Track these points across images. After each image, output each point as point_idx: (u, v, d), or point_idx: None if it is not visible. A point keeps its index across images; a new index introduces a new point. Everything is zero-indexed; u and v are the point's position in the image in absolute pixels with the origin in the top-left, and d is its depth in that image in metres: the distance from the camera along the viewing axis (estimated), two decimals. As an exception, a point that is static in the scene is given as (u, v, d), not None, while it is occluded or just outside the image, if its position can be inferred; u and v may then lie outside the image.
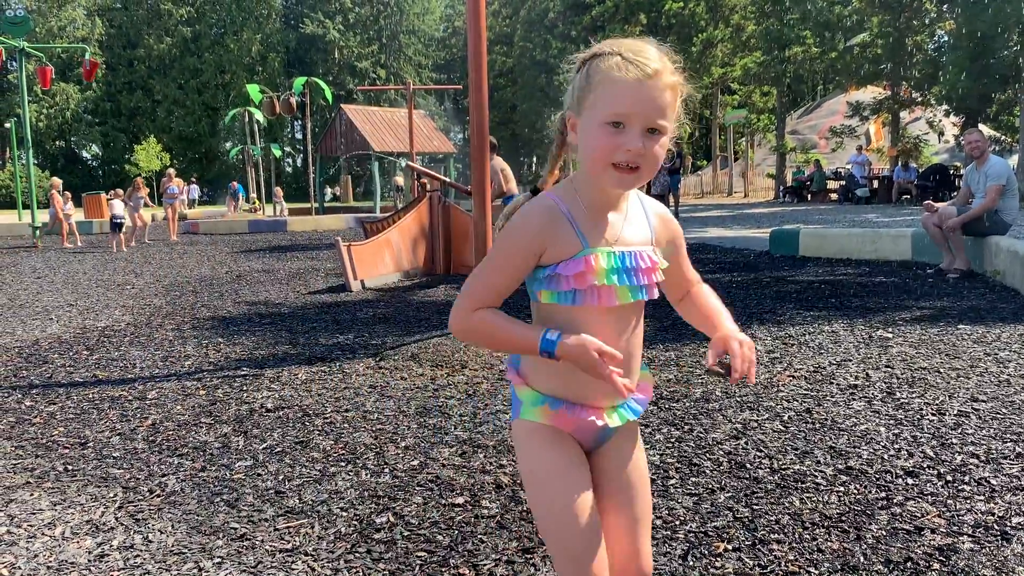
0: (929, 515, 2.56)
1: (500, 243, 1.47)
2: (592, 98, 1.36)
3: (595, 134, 1.36)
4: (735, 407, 3.79)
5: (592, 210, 1.44)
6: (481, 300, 1.46)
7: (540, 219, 1.42)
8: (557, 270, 1.42)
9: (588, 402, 1.50)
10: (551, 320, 1.48)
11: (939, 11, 26.75)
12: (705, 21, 35.45)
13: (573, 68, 1.42)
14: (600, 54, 1.37)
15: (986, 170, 7.88)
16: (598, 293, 1.43)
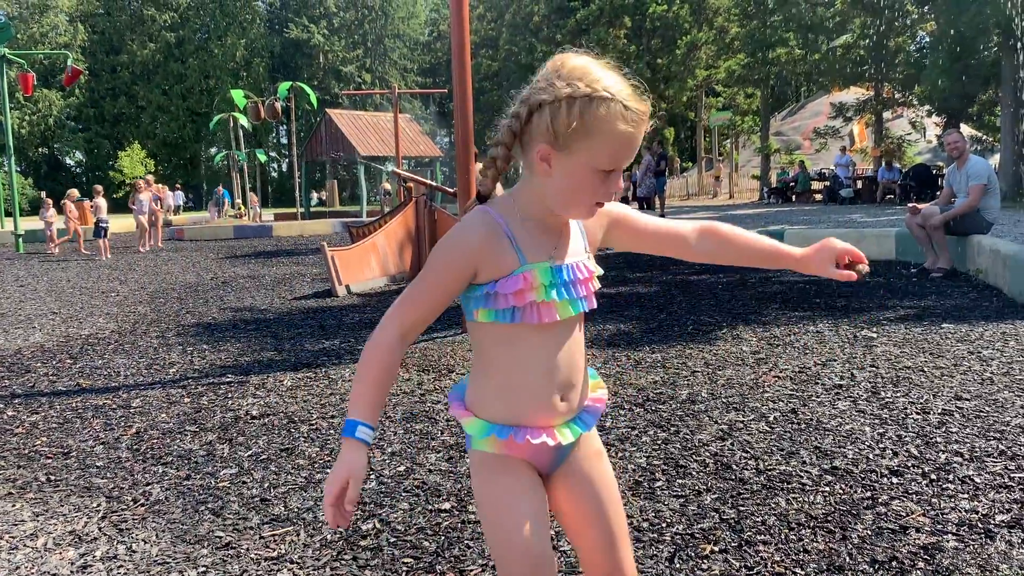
0: (914, 514, 2.57)
1: (434, 260, 1.40)
2: (587, 144, 1.29)
3: (586, 179, 1.32)
4: (721, 408, 3.80)
5: (531, 226, 1.40)
6: (409, 322, 1.40)
7: (478, 235, 1.37)
8: (495, 288, 1.38)
9: (535, 423, 1.44)
10: (489, 339, 1.44)
11: (920, 12, 26.96)
12: (689, 24, 35.62)
13: (547, 95, 1.29)
14: (596, 97, 1.27)
15: (967, 170, 7.94)
16: (537, 310, 1.39)
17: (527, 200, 1.40)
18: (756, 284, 7.94)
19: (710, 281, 8.35)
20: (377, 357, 1.38)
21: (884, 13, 27.25)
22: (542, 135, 1.31)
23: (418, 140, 32.44)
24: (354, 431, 1.35)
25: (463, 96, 5.47)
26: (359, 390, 1.38)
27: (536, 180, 1.36)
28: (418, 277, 1.41)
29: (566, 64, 1.31)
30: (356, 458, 1.34)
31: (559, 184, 1.33)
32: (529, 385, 1.43)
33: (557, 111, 1.27)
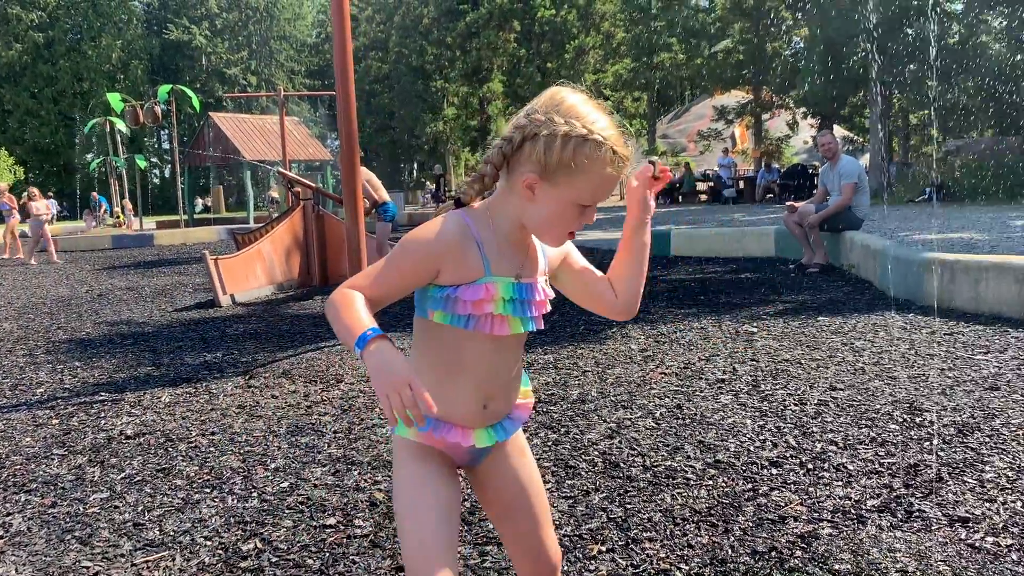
0: (792, 504, 2.65)
1: (401, 250, 1.42)
2: (573, 180, 1.36)
3: (565, 210, 1.39)
4: (610, 407, 3.84)
5: (501, 240, 1.45)
6: (366, 290, 1.40)
7: (451, 236, 1.40)
8: (457, 293, 1.42)
9: (454, 421, 1.50)
10: (436, 339, 1.48)
11: (795, 19, 28.25)
12: (577, 28, 36.20)
13: (545, 128, 1.35)
14: (591, 139, 1.34)
15: (839, 169, 8.34)
16: (492, 322, 1.44)
17: (502, 215, 1.44)
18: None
19: (601, 281, 8.46)
20: (352, 299, 1.37)
21: (761, 19, 28.43)
22: (531, 163, 1.37)
23: (307, 143, 31.77)
24: (378, 329, 1.32)
25: (346, 99, 5.36)
26: (353, 318, 1.34)
27: (515, 200, 1.42)
28: (381, 261, 1.42)
29: (565, 101, 1.37)
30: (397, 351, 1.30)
31: (539, 211, 1.40)
32: (462, 389, 1.49)
33: (551, 145, 1.34)
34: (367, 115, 47.58)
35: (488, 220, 1.44)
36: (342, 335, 1.35)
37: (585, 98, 1.39)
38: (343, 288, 1.41)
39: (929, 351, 4.64)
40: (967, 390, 3.83)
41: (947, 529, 2.41)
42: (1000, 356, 4.45)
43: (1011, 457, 2.96)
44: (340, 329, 1.35)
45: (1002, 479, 2.76)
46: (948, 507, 2.56)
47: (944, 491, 2.68)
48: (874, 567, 2.21)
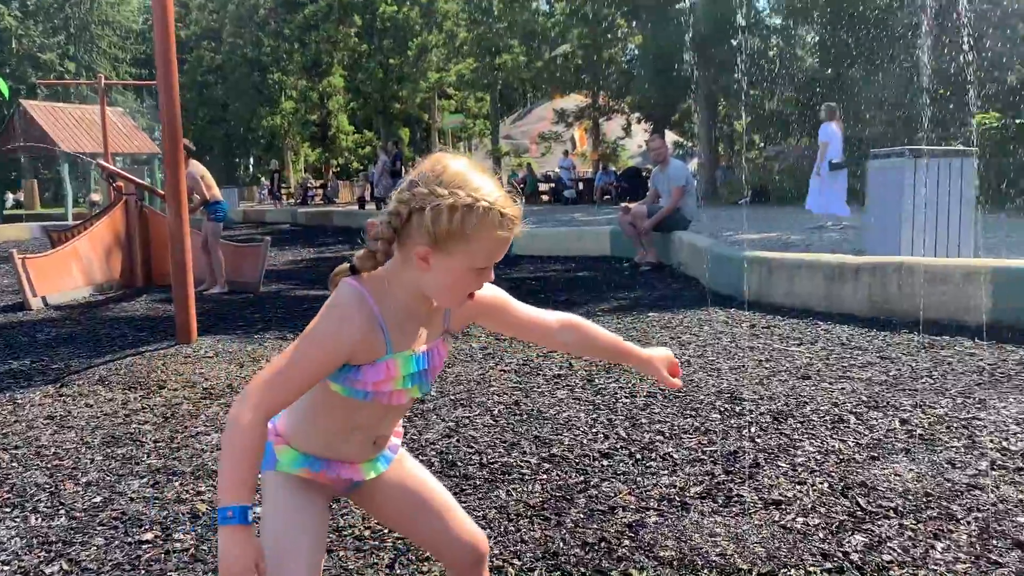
0: (621, 493, 2.73)
1: (311, 347, 1.37)
2: (466, 248, 1.35)
3: (463, 277, 1.39)
4: (449, 405, 3.82)
5: (401, 313, 1.44)
6: (275, 407, 1.37)
7: (358, 328, 1.38)
8: (359, 375, 1.42)
9: (346, 460, 1.55)
10: (330, 404, 1.48)
11: (630, 27, 29.36)
12: (420, 26, 36.05)
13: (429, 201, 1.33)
14: (477, 207, 1.32)
15: (669, 173, 8.74)
16: (391, 395, 1.46)
17: (399, 286, 1.43)
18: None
19: (442, 280, 8.45)
20: (249, 442, 1.33)
21: (598, 26, 29.33)
22: (421, 236, 1.35)
23: (133, 136, 29.89)
24: (246, 517, 1.29)
25: (169, 90, 5.06)
26: (238, 474, 1.31)
27: (411, 270, 1.40)
28: (289, 359, 1.37)
29: (447, 170, 1.35)
30: (255, 541, 1.32)
31: (436, 280, 1.39)
32: (353, 438, 1.53)
33: (438, 217, 1.32)
34: (199, 107, 45.38)
35: (386, 293, 1.42)
36: (220, 479, 1.33)
37: (468, 163, 1.38)
38: (244, 410, 1.33)
39: (749, 343, 4.92)
40: (782, 380, 4.09)
41: (762, 512, 2.55)
42: (811, 347, 4.79)
43: (819, 441, 3.17)
44: (222, 473, 1.33)
45: (811, 462, 2.96)
46: (763, 491, 2.71)
47: (760, 476, 2.84)
48: (696, 552, 2.30)
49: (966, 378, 3.99)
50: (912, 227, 6.78)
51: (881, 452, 3.03)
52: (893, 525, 2.42)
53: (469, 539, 1.67)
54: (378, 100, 38.95)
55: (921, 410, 3.51)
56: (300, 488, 1.53)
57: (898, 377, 4.06)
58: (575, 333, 1.68)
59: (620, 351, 1.72)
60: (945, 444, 3.09)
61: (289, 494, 1.52)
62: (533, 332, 1.67)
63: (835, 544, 2.32)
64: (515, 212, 1.38)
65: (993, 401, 3.59)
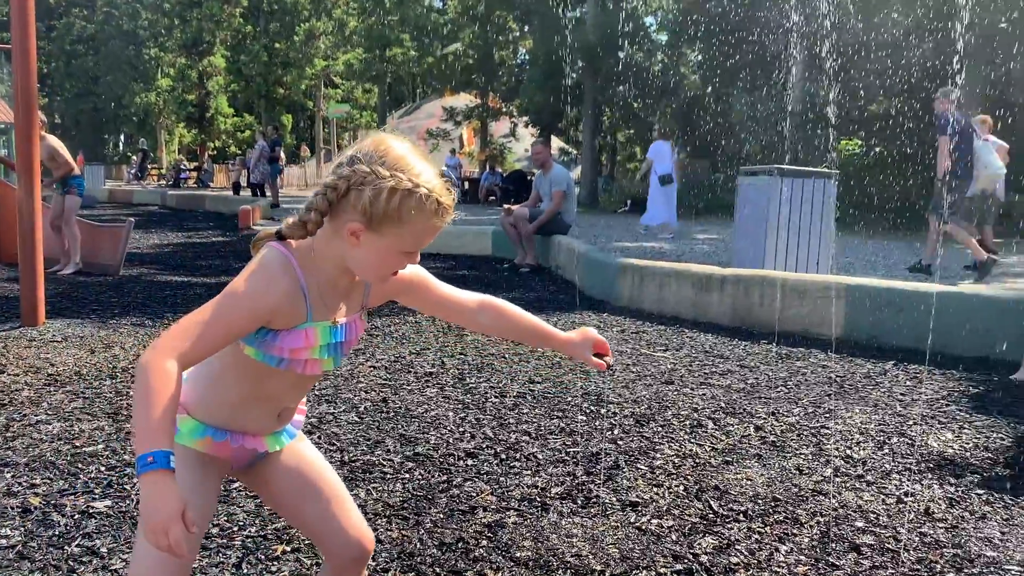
0: (483, 493, 2.71)
1: (231, 303, 1.34)
2: (398, 230, 1.35)
3: (390, 257, 1.39)
4: (313, 401, 3.71)
5: (324, 284, 1.43)
6: (190, 358, 1.30)
7: (280, 290, 1.37)
8: (277, 341, 1.40)
9: (250, 431, 1.51)
10: (241, 368, 1.44)
11: (522, 31, 29.63)
12: (308, 12, 35.20)
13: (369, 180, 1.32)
14: (416, 192, 1.33)
15: (551, 177, 8.84)
16: (305, 364, 1.44)
17: (325, 258, 1.42)
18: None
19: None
20: (163, 385, 1.25)
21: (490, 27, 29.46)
22: (356, 212, 1.34)
23: (-11, 103, 27.87)
24: (168, 462, 1.21)
25: (25, 55, 4.71)
26: (154, 419, 1.22)
27: (339, 244, 1.39)
28: (207, 312, 1.33)
29: (390, 152, 1.35)
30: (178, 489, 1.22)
31: (363, 256, 1.39)
32: (260, 407, 1.49)
33: (376, 197, 1.32)
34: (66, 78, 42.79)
35: (312, 263, 1.41)
36: (136, 426, 1.24)
37: (410, 147, 1.39)
38: (159, 357, 1.26)
39: (618, 348, 5.02)
40: (647, 384, 4.19)
41: (619, 514, 2.59)
42: (676, 353, 4.93)
43: (678, 445, 3.26)
44: (138, 419, 1.24)
45: (669, 465, 3.03)
46: (622, 493, 2.75)
47: (619, 478, 2.89)
48: (552, 553, 2.31)
49: (817, 389, 4.19)
50: (775, 243, 7.10)
51: (735, 457, 3.14)
52: (742, 528, 2.50)
53: (356, 534, 1.62)
54: (261, 84, 37.79)
55: (775, 418, 3.66)
56: (196, 464, 1.47)
57: (755, 385, 4.22)
58: (494, 313, 1.67)
59: (540, 334, 1.69)
60: (795, 451, 3.23)
61: (185, 470, 1.43)
62: (451, 311, 1.66)
63: (686, 546, 2.37)
64: (450, 202, 1.39)
65: (841, 411, 3.78)
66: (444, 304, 1.65)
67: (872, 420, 3.65)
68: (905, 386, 4.27)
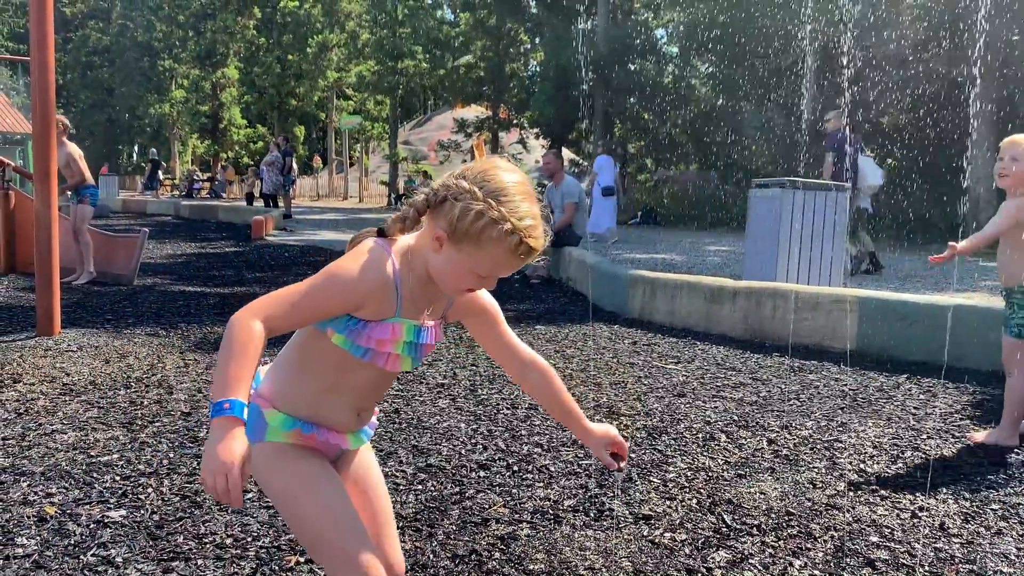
0: (495, 506, 2.71)
1: (327, 282, 1.42)
2: (475, 252, 1.40)
3: (464, 275, 1.44)
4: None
5: (415, 283, 1.49)
6: (276, 325, 1.37)
7: (376, 281, 1.43)
8: (366, 330, 1.46)
9: (333, 427, 1.56)
10: (327, 357, 1.50)
11: (533, 43, 29.73)
12: (321, 24, 35.43)
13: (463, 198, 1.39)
14: (502, 224, 1.37)
15: (562, 189, 8.86)
16: (387, 359, 1.49)
17: (420, 257, 1.48)
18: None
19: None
20: (248, 340, 1.32)
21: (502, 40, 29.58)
22: (445, 222, 1.41)
23: (6, 113, 28.18)
24: (242, 412, 1.29)
25: (43, 67, 4.77)
26: (236, 370, 1.30)
27: (429, 250, 1.45)
28: (303, 287, 1.41)
29: (493, 180, 1.40)
30: (246, 440, 1.29)
31: (441, 264, 1.45)
32: (343, 402, 1.55)
33: (464, 214, 1.38)
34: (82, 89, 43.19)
35: (408, 262, 1.48)
36: (216, 375, 1.32)
37: (518, 181, 1.42)
38: (250, 317, 1.35)
39: (629, 360, 5.01)
40: (659, 396, 4.18)
41: (632, 527, 2.59)
42: (688, 366, 4.92)
43: (691, 458, 3.25)
44: (219, 369, 1.32)
45: (682, 478, 3.02)
46: (635, 506, 2.75)
47: (632, 491, 2.88)
48: (565, 565, 2.31)
49: (830, 402, 4.18)
50: (787, 255, 7.09)
51: (748, 471, 3.13)
52: (756, 542, 2.50)
53: (392, 559, 1.66)
54: (274, 95, 38.03)
55: (787, 431, 3.65)
56: (300, 456, 1.52)
57: (768, 398, 4.21)
58: (541, 377, 1.72)
59: (570, 415, 1.74)
60: (808, 465, 3.22)
61: (296, 461, 1.51)
62: (506, 356, 1.71)
63: (700, 560, 2.37)
64: (536, 245, 1.42)
65: (854, 424, 3.77)
66: (503, 346, 1.70)
67: (886, 434, 3.64)
68: (919, 400, 4.25)
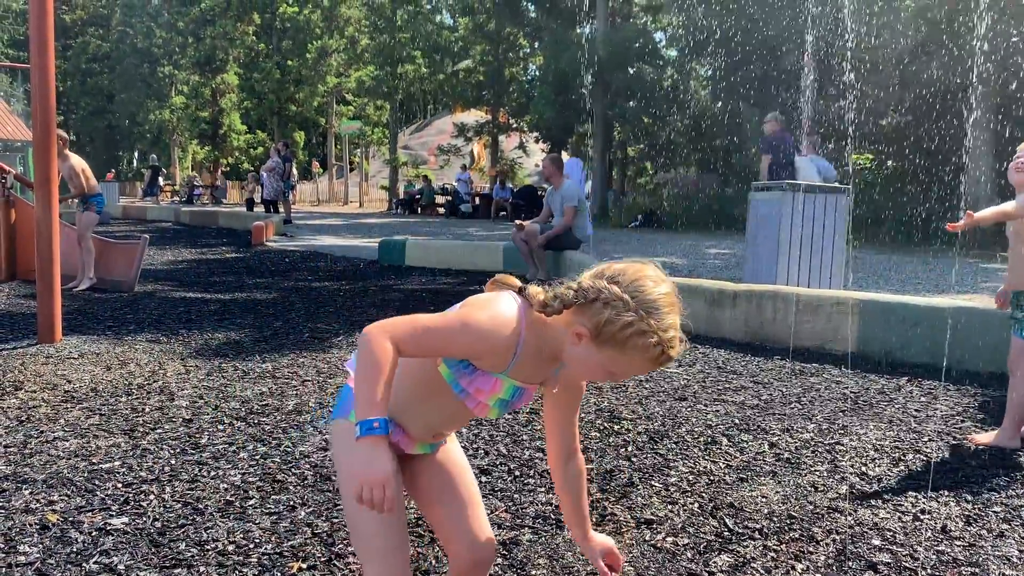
0: (497, 511, 2.71)
1: (461, 331, 1.46)
2: (616, 356, 1.45)
3: (597, 370, 1.49)
4: (327, 418, 3.73)
5: (533, 354, 1.53)
6: (406, 345, 1.43)
7: (507, 338, 1.48)
8: (471, 376, 1.52)
9: (408, 433, 1.64)
10: (427, 381, 1.57)
11: (531, 47, 29.77)
12: (321, 29, 35.49)
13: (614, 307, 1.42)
14: (650, 337, 1.41)
15: (562, 193, 8.87)
16: (478, 405, 1.55)
17: (548, 337, 1.51)
18: (377, 292, 8.05)
19: (332, 288, 8.29)
20: (388, 364, 1.40)
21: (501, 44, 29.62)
22: (590, 321, 1.44)
23: (6, 121, 28.21)
24: (387, 429, 1.39)
25: (44, 73, 4.78)
26: (379, 390, 1.39)
27: (563, 332, 1.48)
28: (437, 324, 1.46)
29: (646, 291, 1.44)
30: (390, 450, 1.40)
31: (577, 357, 1.49)
32: (425, 418, 1.63)
33: (612, 322, 1.42)
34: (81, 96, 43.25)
35: (537, 330, 1.51)
36: (361, 393, 1.40)
37: (668, 291, 1.46)
38: (385, 337, 1.41)
39: (631, 364, 5.01)
40: (660, 400, 4.18)
41: (634, 531, 2.59)
42: (689, 370, 4.92)
43: (692, 462, 3.25)
44: (360, 387, 1.40)
45: (683, 483, 3.02)
46: (636, 510, 2.75)
47: (634, 495, 2.88)
48: (567, 571, 2.31)
49: (831, 405, 4.18)
50: (788, 258, 7.09)
51: (750, 474, 3.13)
52: (758, 546, 2.50)
53: (482, 537, 1.71)
54: (273, 101, 38.09)
55: (789, 434, 3.65)
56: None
57: (769, 401, 4.21)
58: (576, 471, 1.77)
59: (581, 518, 1.80)
60: (810, 468, 3.21)
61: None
62: (560, 435, 1.75)
63: (702, 564, 2.37)
64: (674, 355, 1.47)
65: (855, 428, 3.77)
66: (566, 425, 1.75)
67: (887, 436, 3.64)
68: (920, 402, 4.25)
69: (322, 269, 10.14)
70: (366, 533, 1.56)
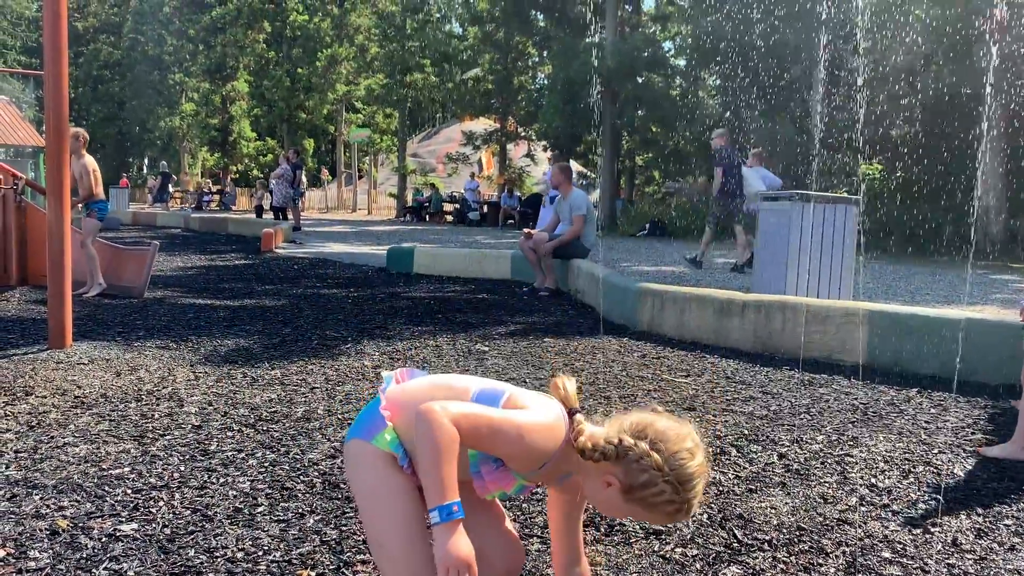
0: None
1: (515, 436, 1.55)
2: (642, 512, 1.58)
3: (617, 511, 1.61)
4: (336, 425, 3.73)
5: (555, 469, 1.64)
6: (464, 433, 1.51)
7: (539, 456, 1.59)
8: (492, 465, 1.63)
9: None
10: None
11: (540, 56, 29.84)
12: (331, 38, 35.66)
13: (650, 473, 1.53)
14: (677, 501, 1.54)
15: (570, 201, 8.87)
16: (482, 488, 1.67)
17: (577, 467, 1.63)
18: (385, 299, 8.07)
19: (341, 296, 8.31)
20: (455, 445, 1.49)
21: (510, 53, 29.70)
22: (623, 476, 1.56)
23: (18, 126, 28.38)
24: (462, 511, 1.49)
25: (57, 80, 4.81)
26: (452, 474, 1.48)
27: (593, 473, 1.60)
28: (494, 423, 1.55)
29: (685, 466, 1.54)
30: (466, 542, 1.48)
31: (601, 497, 1.61)
32: None
33: (647, 486, 1.53)
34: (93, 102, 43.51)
35: (566, 454, 1.61)
36: (433, 476, 1.47)
37: (701, 463, 1.56)
38: (449, 421, 1.49)
39: (639, 373, 5.01)
40: (668, 410, 4.16)
41: (643, 542, 2.58)
42: (698, 379, 4.91)
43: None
44: (434, 470, 1.47)
45: (692, 492, 3.01)
46: (645, 521, 2.74)
47: (643, 505, 2.87)
48: (576, 580, 2.30)
49: (841, 416, 4.16)
50: (797, 268, 7.08)
51: (759, 485, 3.12)
52: (767, 558, 2.49)
53: (514, 545, 1.80)
54: (283, 108, 38.27)
55: (798, 445, 3.63)
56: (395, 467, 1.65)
57: (778, 412, 4.20)
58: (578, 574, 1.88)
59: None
60: (819, 479, 3.20)
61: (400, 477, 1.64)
62: (566, 538, 1.86)
63: (711, 575, 2.36)
64: (692, 514, 1.62)
65: (865, 439, 3.75)
66: (570, 528, 1.85)
67: (897, 448, 3.62)
68: (930, 414, 4.23)
69: (331, 276, 10.17)
70: (395, 555, 1.61)
